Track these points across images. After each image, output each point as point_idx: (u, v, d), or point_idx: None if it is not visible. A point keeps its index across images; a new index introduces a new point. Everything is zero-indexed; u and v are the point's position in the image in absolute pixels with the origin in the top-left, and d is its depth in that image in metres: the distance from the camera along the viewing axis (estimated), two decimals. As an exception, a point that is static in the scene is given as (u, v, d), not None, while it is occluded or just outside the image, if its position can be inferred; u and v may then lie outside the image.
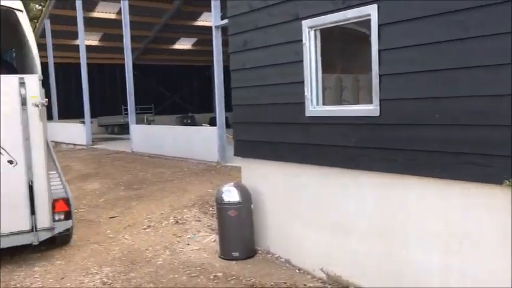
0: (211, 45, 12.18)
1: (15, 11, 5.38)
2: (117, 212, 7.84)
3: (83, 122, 20.31)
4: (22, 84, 5.24)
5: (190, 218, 7.17)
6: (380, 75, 4.01)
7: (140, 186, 9.91)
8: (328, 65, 4.85)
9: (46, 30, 21.43)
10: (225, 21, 11.23)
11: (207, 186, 9.41)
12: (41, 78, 5.37)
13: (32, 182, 5.34)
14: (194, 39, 28.42)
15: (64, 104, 23.97)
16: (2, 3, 5.41)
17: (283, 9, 4.87)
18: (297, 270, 5.04)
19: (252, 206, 5.50)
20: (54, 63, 21.56)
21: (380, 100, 4.03)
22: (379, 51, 3.99)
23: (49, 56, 21.02)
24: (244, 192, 5.47)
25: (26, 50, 5.82)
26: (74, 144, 19.40)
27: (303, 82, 4.76)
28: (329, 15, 4.43)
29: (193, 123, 27.20)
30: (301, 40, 4.69)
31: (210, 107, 31.18)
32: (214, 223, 6.76)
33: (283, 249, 5.39)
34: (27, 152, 5.31)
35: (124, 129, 24.54)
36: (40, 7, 24.09)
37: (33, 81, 5.31)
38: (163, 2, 22.76)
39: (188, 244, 6.02)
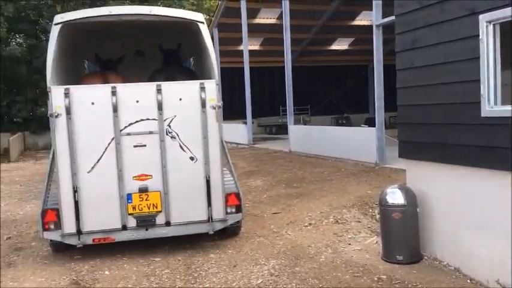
0: (369, 44, 12.00)
1: (198, 23, 6.01)
2: (279, 208, 8.22)
3: (245, 123, 21.61)
4: (202, 88, 5.83)
5: (350, 218, 7.19)
6: None
7: (300, 185, 10.23)
8: (505, 61, 4.47)
9: (214, 37, 23.30)
10: (387, 19, 11.01)
11: (365, 187, 9.32)
12: (218, 83, 5.92)
13: (209, 177, 5.90)
14: (351, 39, 28.21)
15: (228, 105, 25.78)
16: (187, 17, 6.09)
17: (458, 4, 4.62)
18: (468, 280, 4.75)
19: (417, 209, 5.32)
20: (220, 67, 23.36)
21: None
22: None
23: (217, 61, 22.82)
24: (409, 194, 5.32)
25: (204, 57, 6.44)
26: (236, 143, 20.73)
27: (478, 80, 4.46)
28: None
29: (349, 123, 27.03)
30: (478, 36, 4.40)
31: (365, 107, 30.64)
32: (375, 225, 6.70)
33: (451, 257, 5.11)
34: (205, 149, 5.89)
35: (281, 129, 25.49)
36: (208, 17, 26.24)
37: (211, 86, 5.88)
38: (322, 4, 23.02)
39: (349, 244, 6.06)
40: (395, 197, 5.31)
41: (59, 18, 5.76)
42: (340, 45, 28.92)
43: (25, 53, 24.31)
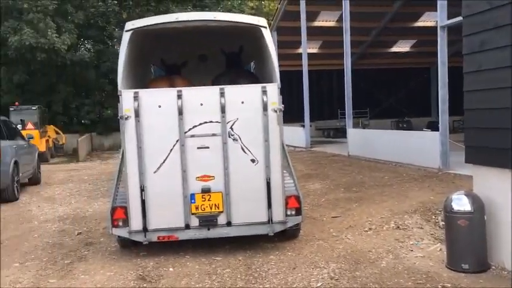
0: (433, 46, 11.67)
1: (261, 27, 6.12)
2: (338, 212, 8.17)
3: (303, 126, 21.59)
4: (264, 92, 5.93)
5: (411, 224, 7.03)
6: None
7: (359, 189, 10.11)
8: None
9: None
10: (452, 20, 10.68)
11: (428, 193, 9.08)
12: (280, 86, 5.99)
13: (269, 179, 5.98)
14: (413, 41, 27.51)
15: (286, 108, 25.82)
16: (251, 22, 6.22)
17: (531, 5, 4.44)
18: (540, 293, 4.53)
19: (485, 217, 5.13)
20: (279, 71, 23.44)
21: None
22: None
23: (275, 64, 22.94)
24: (476, 201, 5.14)
25: (266, 61, 6.54)
26: (293, 147, 20.74)
27: (553, 83, 4.25)
28: None
29: (410, 127, 26.33)
30: (554, 37, 4.21)
31: (427, 111, 29.75)
32: (438, 232, 6.52)
33: (522, 268, 4.89)
34: (266, 152, 5.97)
35: (339, 132, 25.26)
36: (267, 20, 26.50)
37: (273, 89, 5.96)
38: (383, 5, 22.63)
39: (411, 250, 5.93)
40: (461, 203, 5.15)
41: (130, 25, 6.05)
42: (402, 47, 28.27)
43: (93, 58, 25.54)
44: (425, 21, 24.54)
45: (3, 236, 7.54)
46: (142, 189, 5.84)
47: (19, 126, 15.46)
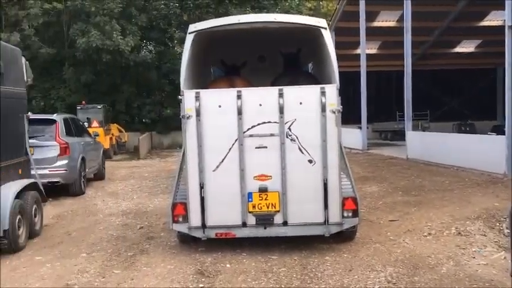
0: (499, 46, 11.19)
1: (321, 28, 6.13)
2: (395, 215, 8.02)
3: (360, 127, 21.29)
4: (323, 93, 5.93)
5: (474, 230, 6.81)
6: None
7: (418, 193, 9.87)
8: None
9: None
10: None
11: (492, 199, 8.75)
12: (339, 87, 5.98)
13: (326, 180, 5.97)
14: (478, 41, 26.42)
15: (343, 109, 25.54)
16: (311, 23, 6.25)
17: None
18: None
19: (555, 225, 4.88)
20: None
21: None
22: None
23: (334, 65, 22.78)
24: (545, 209, 4.90)
25: (325, 62, 6.54)
26: (349, 148, 20.46)
27: None
28: None
29: (473, 131, 25.28)
30: None
31: (492, 114, 28.46)
32: (503, 239, 6.28)
33: None
34: (324, 153, 5.97)
35: (397, 135, 24.66)
36: (327, 21, 26.33)
37: (332, 90, 5.96)
38: (447, 4, 21.90)
39: (473, 258, 5.74)
40: (528, 210, 4.92)
41: (193, 27, 6.25)
42: (466, 47, 27.24)
43: (154, 59, 26.38)
44: (491, 20, 23.51)
45: (71, 228, 7.99)
46: (201, 187, 6.01)
47: (85, 124, 16.24)
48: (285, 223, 6.04)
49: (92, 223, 8.32)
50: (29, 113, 8.15)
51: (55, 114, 11.95)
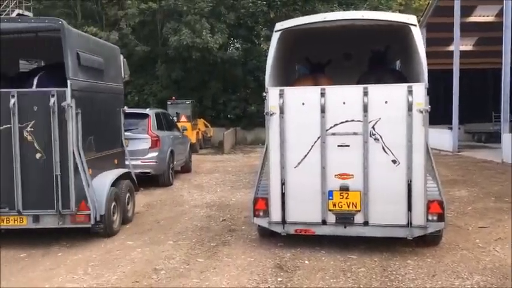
0: None
1: (411, 25, 5.95)
2: (486, 222, 7.59)
3: (450, 128, 20.26)
4: (410, 92, 5.77)
5: None
6: None
7: (513, 200, 9.25)
8: None
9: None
10: None
11: None
12: (427, 86, 5.78)
13: (410, 181, 5.81)
14: None
15: (432, 109, 24.45)
16: (400, 20, 6.08)
17: None
18: None
19: None
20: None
21: None
22: None
23: (424, 63, 21.89)
24: None
25: (414, 60, 6.34)
26: (438, 150, 19.57)
27: None
28: None
29: None
30: None
31: None
32: None
33: None
34: (409, 153, 5.80)
35: (492, 137, 23.15)
36: (417, 17, 25.36)
37: (420, 89, 5.77)
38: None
39: None
40: None
41: (279, 25, 6.34)
42: None
43: (241, 56, 26.96)
44: None
45: (160, 216, 8.46)
46: (282, 183, 6.10)
47: (174, 119, 17.01)
48: (365, 223, 5.97)
49: (178, 213, 8.75)
50: (125, 107, 8.72)
51: (148, 109, 12.66)
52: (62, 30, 6.32)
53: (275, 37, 6.29)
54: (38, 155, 6.34)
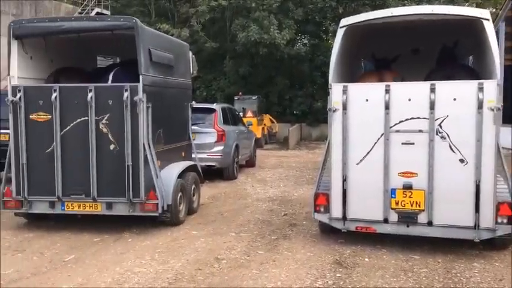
0: None
1: (483, 20, 5.71)
2: None
3: (529, 128, 19.03)
4: (480, 89, 5.55)
5: None
6: None
7: None
8: None
9: (500, 32, 21.13)
10: None
11: None
12: (500, 83, 5.53)
13: (479, 182, 5.60)
14: None
15: (507, 107, 23.11)
16: (472, 14, 5.85)
17: None
18: None
19: None
20: (504, 65, 21.06)
21: None
22: None
23: (500, 58, 20.71)
24: None
25: (486, 55, 6.08)
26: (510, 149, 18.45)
27: None
28: None
29: None
30: None
31: None
32: None
33: None
34: (478, 152, 5.60)
35: None
36: (495, 10, 23.97)
37: (491, 86, 5.54)
38: None
39: None
40: None
41: (344, 21, 6.32)
42: None
43: (308, 52, 26.84)
44: None
45: (223, 208, 8.71)
46: (344, 179, 6.09)
47: (240, 114, 17.29)
48: (429, 223, 5.83)
49: (241, 206, 8.95)
50: (193, 102, 9.03)
51: (214, 104, 12.99)
52: (135, 28, 6.68)
53: (340, 33, 6.27)
54: (111, 146, 6.74)
